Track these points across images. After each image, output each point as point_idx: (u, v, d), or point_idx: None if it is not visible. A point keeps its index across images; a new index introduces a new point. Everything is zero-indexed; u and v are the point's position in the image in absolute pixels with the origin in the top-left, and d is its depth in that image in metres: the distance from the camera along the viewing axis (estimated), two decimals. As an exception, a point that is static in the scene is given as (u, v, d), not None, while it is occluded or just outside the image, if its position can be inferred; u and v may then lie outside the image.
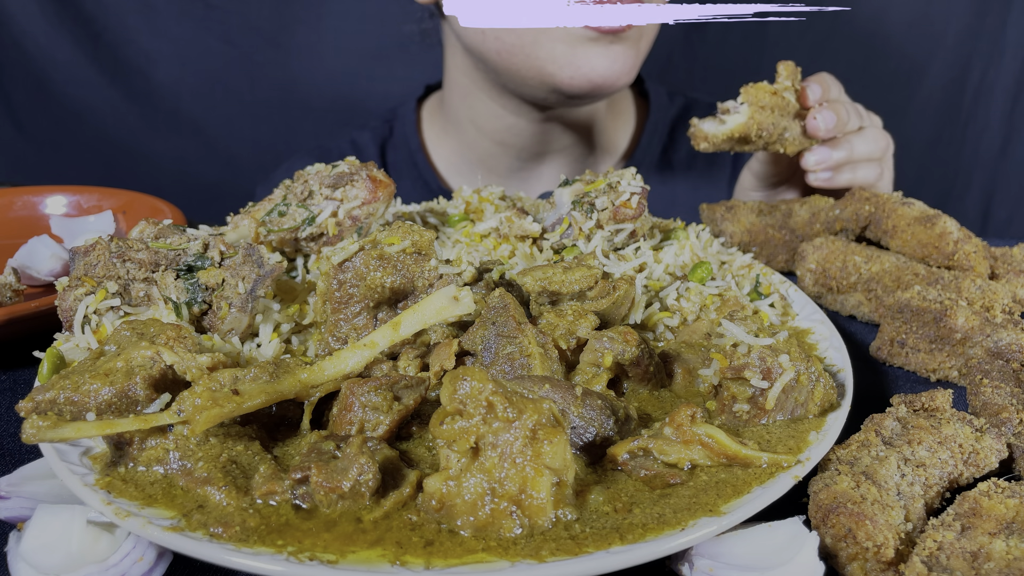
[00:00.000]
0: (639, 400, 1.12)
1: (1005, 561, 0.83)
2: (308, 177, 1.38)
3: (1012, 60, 3.21)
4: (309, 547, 0.82)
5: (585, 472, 0.95)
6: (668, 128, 2.46)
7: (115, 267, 1.17)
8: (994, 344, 1.23)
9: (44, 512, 0.88)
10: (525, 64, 2.00)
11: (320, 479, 0.86)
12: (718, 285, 1.40)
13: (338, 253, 1.16)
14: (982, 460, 1.02)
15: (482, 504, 0.84)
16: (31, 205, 1.85)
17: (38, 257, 1.55)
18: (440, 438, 0.85)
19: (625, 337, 1.10)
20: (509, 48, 1.99)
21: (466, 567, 0.80)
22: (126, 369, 0.96)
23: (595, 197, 1.42)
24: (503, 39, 1.98)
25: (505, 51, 2.00)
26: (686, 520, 0.86)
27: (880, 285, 1.48)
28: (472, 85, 2.23)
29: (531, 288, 1.22)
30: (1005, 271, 1.51)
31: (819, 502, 0.91)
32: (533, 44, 1.96)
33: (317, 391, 1.00)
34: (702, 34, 3.22)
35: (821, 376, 1.07)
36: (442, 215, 1.62)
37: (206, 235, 1.25)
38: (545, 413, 0.86)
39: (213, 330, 1.18)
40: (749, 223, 1.72)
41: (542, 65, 1.99)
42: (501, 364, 1.06)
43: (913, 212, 1.54)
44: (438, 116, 2.46)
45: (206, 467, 0.90)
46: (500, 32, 1.97)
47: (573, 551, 0.81)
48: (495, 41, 2.00)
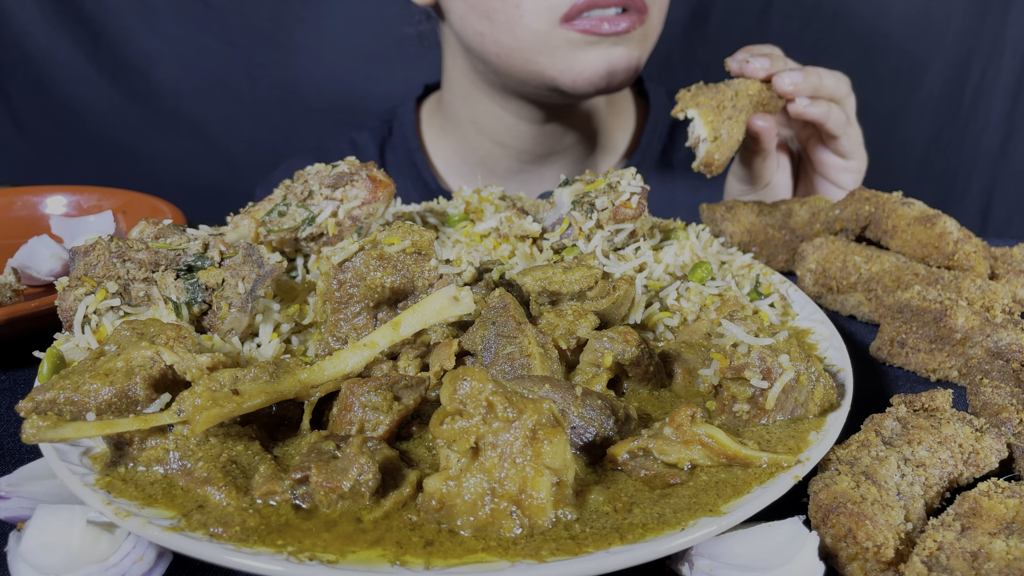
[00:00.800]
0: (639, 400, 1.12)
1: (1005, 561, 0.83)
2: (308, 177, 1.38)
3: (1012, 59, 3.21)
4: (309, 547, 0.82)
5: (585, 472, 0.95)
6: (668, 128, 2.46)
7: (115, 267, 1.17)
8: (994, 344, 1.23)
9: (44, 512, 0.88)
10: (525, 68, 2.00)
11: (320, 479, 0.86)
12: (718, 285, 1.40)
13: (338, 253, 1.16)
14: (982, 460, 1.02)
15: (482, 504, 0.84)
16: (31, 205, 1.85)
17: (38, 257, 1.55)
18: (440, 438, 0.85)
19: (625, 337, 1.10)
20: (508, 51, 1.98)
21: (466, 567, 0.80)
22: (126, 369, 0.96)
23: (595, 197, 1.42)
24: (502, 42, 1.98)
25: (504, 54, 2.00)
26: (686, 520, 0.86)
27: (880, 285, 1.48)
28: (472, 87, 2.23)
29: (531, 288, 1.22)
30: (1005, 271, 1.50)
31: (819, 502, 0.91)
32: (532, 48, 1.95)
33: (317, 391, 1.00)
34: (702, 34, 3.22)
35: (821, 376, 1.07)
36: (442, 215, 1.63)
37: (206, 235, 1.25)
38: (545, 413, 0.86)
39: (213, 330, 1.18)
40: (749, 223, 1.72)
41: (542, 69, 1.98)
42: (501, 364, 1.06)
43: (913, 212, 1.54)
44: (437, 116, 2.46)
45: (206, 467, 0.90)
46: (499, 35, 1.97)
47: (573, 551, 0.81)
48: (494, 44, 1.99)
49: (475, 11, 1.98)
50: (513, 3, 1.90)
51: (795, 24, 3.22)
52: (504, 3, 1.91)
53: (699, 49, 3.22)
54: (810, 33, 3.21)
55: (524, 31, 1.93)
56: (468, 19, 2.01)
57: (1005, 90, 3.27)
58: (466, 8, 1.99)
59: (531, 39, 1.94)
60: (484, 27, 1.98)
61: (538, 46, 1.95)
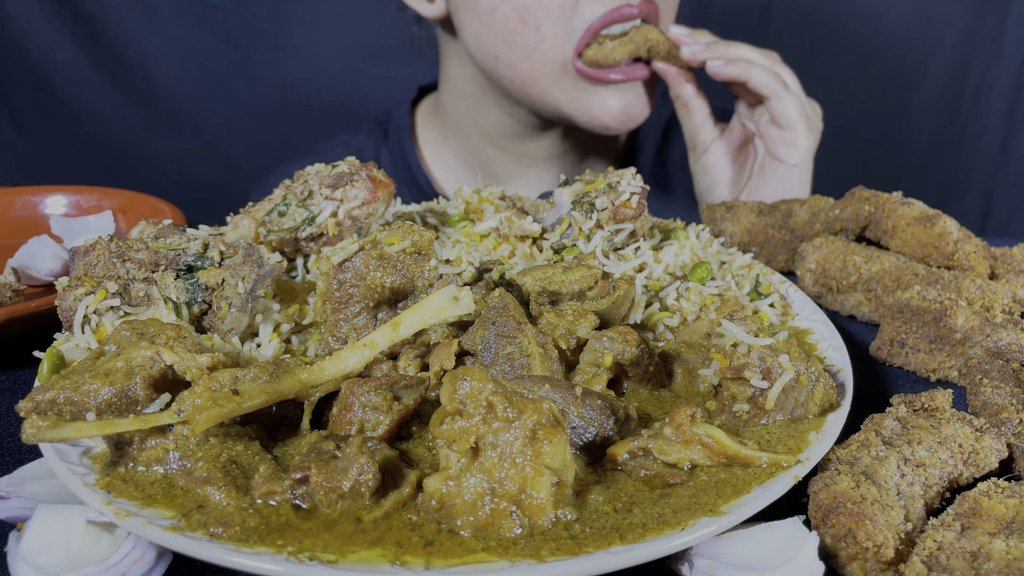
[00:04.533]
0: (639, 400, 1.12)
1: (1005, 561, 0.83)
2: (308, 177, 1.38)
3: (1012, 60, 3.21)
4: (309, 547, 0.82)
5: (585, 472, 0.95)
6: (662, 129, 2.46)
7: (115, 267, 1.17)
8: (994, 344, 1.23)
9: (44, 512, 0.88)
10: (539, 99, 2.00)
11: (320, 479, 0.86)
12: (718, 285, 1.40)
13: (338, 253, 1.16)
14: (982, 460, 1.02)
15: (482, 504, 0.84)
16: (31, 205, 1.85)
17: (38, 257, 1.55)
18: (440, 438, 0.85)
19: (625, 337, 1.10)
20: (523, 79, 1.97)
21: (466, 567, 0.80)
22: (126, 369, 0.96)
23: (595, 197, 1.42)
24: (517, 68, 1.95)
25: (519, 80, 1.98)
26: (686, 520, 0.86)
27: (880, 285, 1.48)
28: (482, 93, 2.20)
29: (531, 288, 1.22)
30: (1005, 271, 1.51)
31: (819, 502, 0.91)
32: (548, 79, 1.95)
33: (317, 391, 1.00)
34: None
35: (821, 376, 1.07)
36: (442, 215, 1.63)
37: (206, 235, 1.25)
38: (545, 413, 0.86)
39: (213, 330, 1.18)
40: (749, 223, 1.72)
41: (557, 103, 1.99)
42: (501, 364, 1.06)
43: (913, 212, 1.54)
44: (434, 119, 2.44)
45: (206, 467, 0.90)
46: (515, 60, 1.94)
47: (573, 551, 0.81)
48: (508, 69, 1.97)
49: (491, 32, 1.93)
50: (533, 26, 1.87)
51: (795, 24, 3.23)
52: (524, 26, 1.87)
53: (699, 49, 3.22)
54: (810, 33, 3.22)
55: (542, 58, 1.91)
56: (483, 40, 1.97)
57: (1005, 90, 3.27)
58: (481, 28, 1.95)
59: (547, 69, 1.93)
60: (500, 50, 1.95)
61: (554, 77, 1.94)
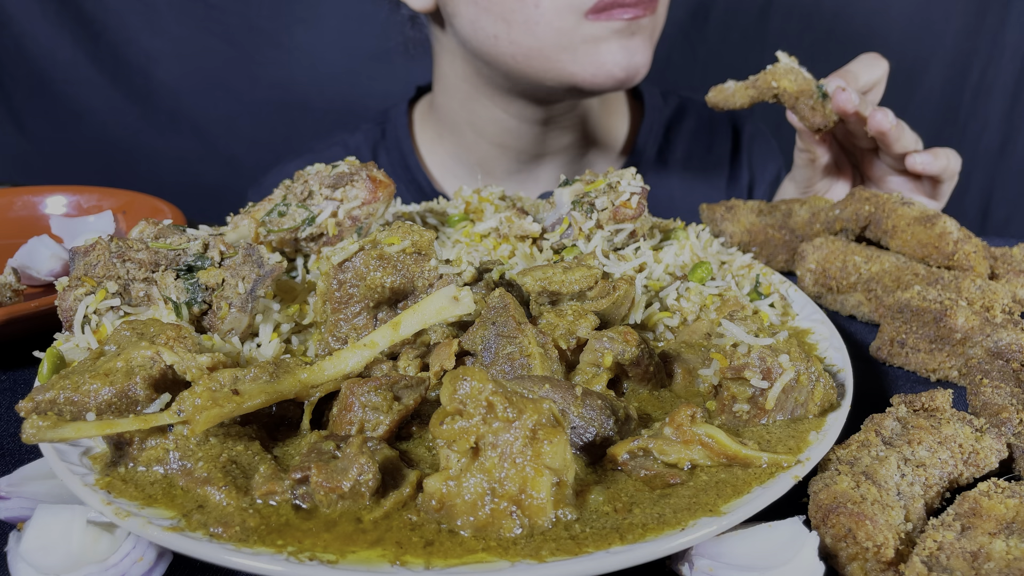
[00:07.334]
0: (639, 400, 1.12)
1: (1005, 561, 0.83)
2: (308, 177, 1.38)
3: (1011, 60, 3.21)
4: (309, 547, 0.82)
5: (585, 472, 0.95)
6: (663, 128, 2.46)
7: (115, 267, 1.17)
8: (994, 344, 1.23)
9: (44, 512, 0.88)
10: (544, 66, 1.99)
11: (320, 479, 0.86)
12: (718, 285, 1.40)
13: (338, 253, 1.16)
14: (982, 460, 1.02)
15: (482, 504, 0.84)
16: (31, 205, 1.85)
17: (38, 257, 1.55)
18: (440, 438, 0.85)
19: (625, 337, 1.10)
20: (527, 51, 1.97)
21: (466, 567, 0.80)
22: (126, 369, 0.96)
23: (595, 197, 1.42)
24: (520, 42, 1.96)
25: (522, 55, 1.98)
26: (686, 520, 0.86)
27: (880, 285, 1.48)
28: (473, 90, 2.21)
29: (531, 288, 1.22)
30: (1005, 271, 1.51)
31: (819, 502, 0.91)
32: (554, 46, 1.94)
33: (317, 391, 1.00)
34: (702, 34, 3.22)
35: (821, 376, 1.07)
36: (442, 215, 1.63)
37: (206, 235, 1.25)
38: (545, 413, 0.86)
39: (213, 330, 1.18)
40: (749, 223, 1.72)
41: (563, 66, 1.98)
42: (501, 364, 1.06)
43: (913, 212, 1.54)
44: (431, 119, 2.44)
45: (206, 467, 0.90)
46: (516, 36, 1.95)
47: (573, 551, 0.81)
48: (510, 45, 1.97)
49: (488, 13, 1.95)
50: (532, 2, 1.89)
51: (795, 24, 3.23)
52: (522, 3, 1.89)
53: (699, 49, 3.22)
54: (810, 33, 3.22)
55: (546, 29, 1.92)
56: (480, 22, 1.98)
57: (1004, 90, 3.27)
58: (477, 11, 1.97)
59: (553, 37, 1.93)
60: (499, 29, 1.96)
61: (561, 43, 1.94)
